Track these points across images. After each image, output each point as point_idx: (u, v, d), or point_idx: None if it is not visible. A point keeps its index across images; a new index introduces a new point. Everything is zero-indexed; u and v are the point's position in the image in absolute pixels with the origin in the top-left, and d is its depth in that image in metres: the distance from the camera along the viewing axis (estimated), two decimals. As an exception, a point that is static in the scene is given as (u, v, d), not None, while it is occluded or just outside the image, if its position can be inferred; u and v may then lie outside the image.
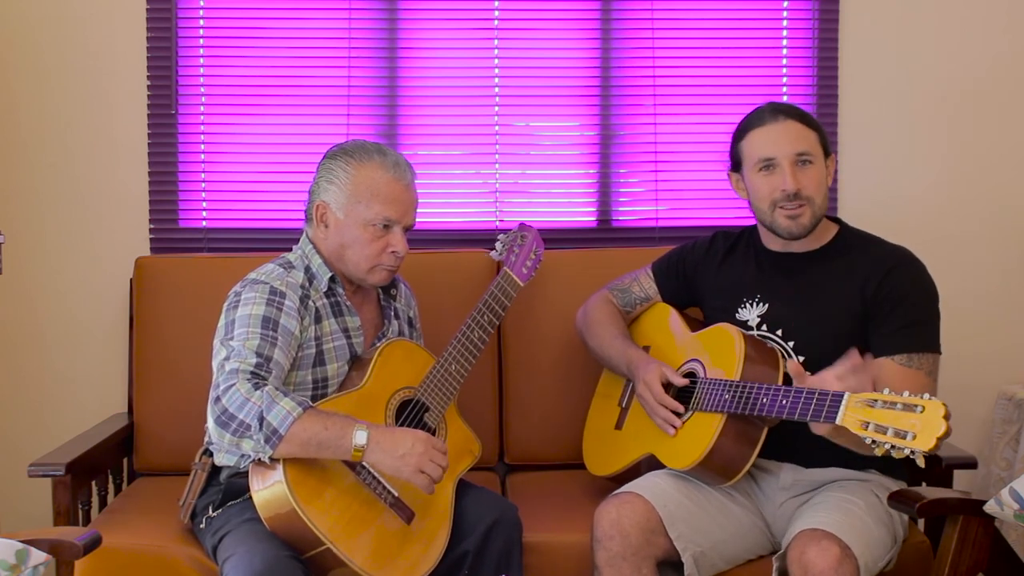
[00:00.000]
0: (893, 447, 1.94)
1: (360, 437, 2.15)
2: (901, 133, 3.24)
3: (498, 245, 2.75)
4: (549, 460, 2.92)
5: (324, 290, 2.39)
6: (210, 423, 2.17)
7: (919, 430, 1.92)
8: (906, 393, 1.98)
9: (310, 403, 2.18)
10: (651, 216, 3.25)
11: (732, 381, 2.29)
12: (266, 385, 2.17)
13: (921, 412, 1.93)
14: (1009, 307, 3.25)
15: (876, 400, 2.00)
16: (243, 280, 2.37)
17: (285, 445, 2.13)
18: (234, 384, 2.16)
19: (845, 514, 2.23)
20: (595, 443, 2.72)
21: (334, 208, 2.37)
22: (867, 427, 1.98)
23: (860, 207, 3.19)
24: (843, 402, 2.05)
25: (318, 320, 2.37)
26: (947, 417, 1.92)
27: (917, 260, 2.41)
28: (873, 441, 1.97)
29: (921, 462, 1.96)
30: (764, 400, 2.21)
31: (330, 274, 2.39)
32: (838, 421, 2.04)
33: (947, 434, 1.91)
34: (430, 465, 2.19)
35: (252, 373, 2.18)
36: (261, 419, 2.12)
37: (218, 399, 2.16)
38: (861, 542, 2.18)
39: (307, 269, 2.40)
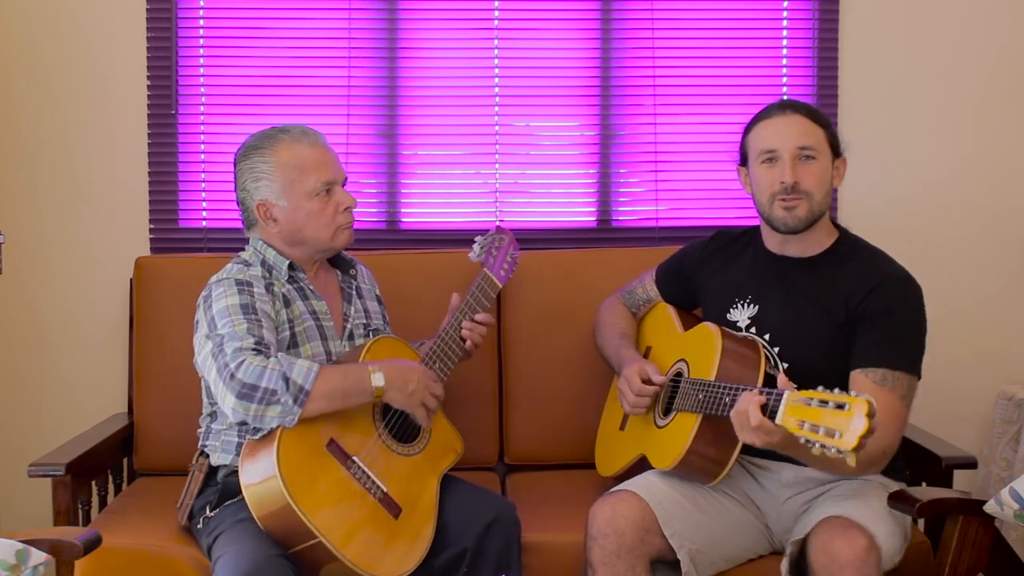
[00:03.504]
0: (823, 446, 1.90)
1: (378, 379, 2.25)
2: (901, 133, 3.24)
3: (476, 247, 2.74)
4: (549, 460, 2.92)
5: (285, 278, 2.41)
6: (231, 401, 2.16)
7: (844, 428, 1.87)
8: (836, 390, 1.94)
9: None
10: (651, 216, 3.25)
11: (706, 381, 2.29)
12: (273, 355, 2.21)
13: (847, 410, 1.88)
14: (1009, 307, 3.24)
15: (812, 399, 1.96)
16: (207, 284, 2.40)
17: (313, 403, 2.17)
18: (244, 359, 2.17)
19: (866, 505, 2.23)
20: (603, 445, 2.73)
21: (273, 200, 2.39)
22: (803, 426, 1.94)
23: (860, 207, 3.19)
24: (783, 401, 2.00)
25: (287, 304, 2.40)
26: (871, 415, 1.86)
27: (912, 281, 2.36)
28: (807, 440, 1.93)
29: (852, 460, 1.89)
30: (727, 399, 2.19)
31: (288, 261, 2.42)
32: (778, 420, 2.00)
33: (869, 432, 1.85)
34: (430, 399, 2.33)
35: (255, 349, 2.21)
36: (286, 380, 2.15)
37: (233, 376, 2.16)
38: (884, 534, 2.18)
39: (263, 262, 2.42)
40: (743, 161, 2.49)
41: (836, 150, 2.43)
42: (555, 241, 3.19)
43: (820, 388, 1.96)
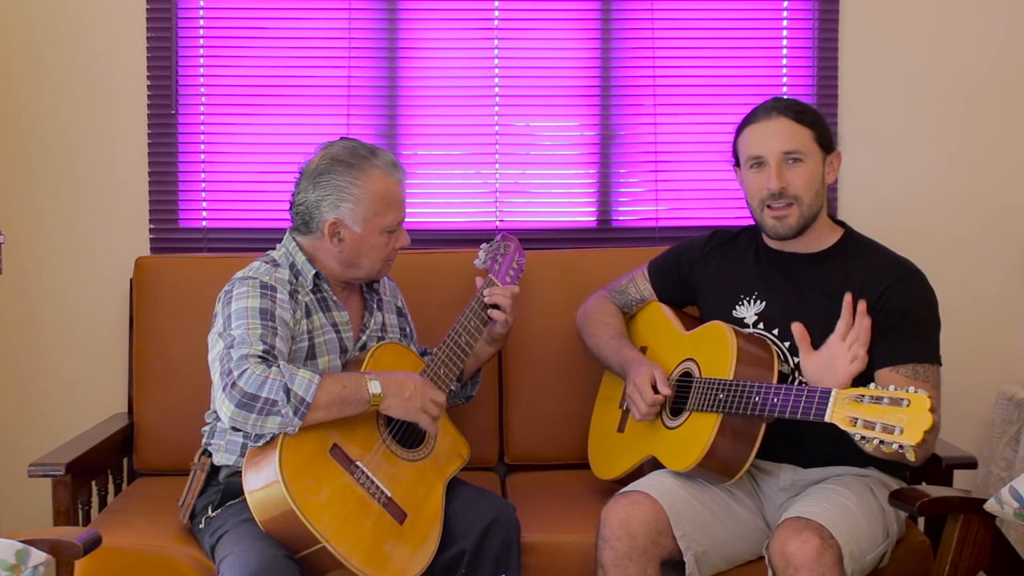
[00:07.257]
0: (882, 442, 1.94)
1: (375, 386, 2.25)
2: (901, 133, 3.24)
3: (481, 254, 2.75)
4: (549, 460, 2.92)
5: (310, 287, 2.41)
6: (229, 410, 2.16)
7: (906, 424, 1.92)
8: (891, 387, 1.98)
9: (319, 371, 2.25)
10: (651, 216, 3.25)
11: (726, 380, 2.29)
12: (276, 364, 2.20)
13: (907, 406, 1.93)
14: (1009, 307, 3.24)
15: (864, 395, 2.00)
16: (231, 280, 2.39)
17: (313, 413, 2.17)
18: (247, 368, 2.17)
19: (831, 503, 2.23)
20: (599, 447, 2.72)
21: (350, 223, 2.38)
22: (856, 423, 1.98)
23: (860, 207, 3.19)
24: (831, 398, 2.04)
25: (308, 315, 2.39)
26: (932, 410, 1.91)
27: (919, 272, 2.39)
28: (862, 437, 1.97)
29: (912, 455, 1.94)
30: (757, 399, 2.20)
31: (314, 271, 2.41)
32: (827, 418, 2.03)
33: (933, 427, 1.91)
34: (430, 405, 2.32)
35: (261, 357, 2.20)
36: (287, 391, 2.15)
37: (234, 384, 2.16)
38: (845, 530, 2.17)
39: (292, 266, 2.42)
40: (738, 162, 2.49)
41: (827, 146, 2.42)
42: (555, 241, 3.19)
43: (872, 385, 2.00)
